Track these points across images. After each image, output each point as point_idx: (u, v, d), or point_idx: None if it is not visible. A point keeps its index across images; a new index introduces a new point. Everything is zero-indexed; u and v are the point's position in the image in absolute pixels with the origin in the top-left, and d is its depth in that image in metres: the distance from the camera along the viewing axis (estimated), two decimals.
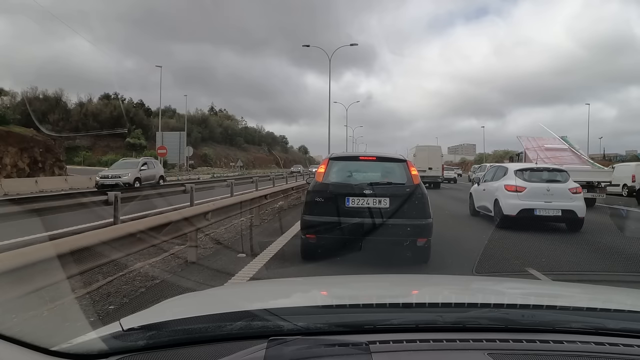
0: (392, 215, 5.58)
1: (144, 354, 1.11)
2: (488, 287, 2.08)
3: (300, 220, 6.17)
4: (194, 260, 5.88)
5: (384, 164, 6.44)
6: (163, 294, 4.18)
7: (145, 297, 4.34)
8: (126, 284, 4.74)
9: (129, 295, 4.41)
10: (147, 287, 4.68)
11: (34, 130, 30.61)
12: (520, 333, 1.21)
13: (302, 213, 6.00)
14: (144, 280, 4.91)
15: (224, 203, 7.54)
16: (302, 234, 5.99)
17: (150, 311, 1.60)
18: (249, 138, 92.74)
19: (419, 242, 5.58)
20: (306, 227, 5.86)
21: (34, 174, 25.20)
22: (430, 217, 5.76)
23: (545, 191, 9.55)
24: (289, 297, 1.85)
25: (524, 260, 6.42)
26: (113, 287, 4.57)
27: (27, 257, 2.80)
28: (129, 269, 5.16)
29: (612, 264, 6.38)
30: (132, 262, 5.35)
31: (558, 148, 18.37)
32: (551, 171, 10.40)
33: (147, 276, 5.03)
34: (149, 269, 5.37)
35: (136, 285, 4.71)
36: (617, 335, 1.21)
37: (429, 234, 5.68)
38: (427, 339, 1.16)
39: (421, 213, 5.69)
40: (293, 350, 1.06)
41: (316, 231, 5.73)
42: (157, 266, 5.57)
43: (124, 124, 59.26)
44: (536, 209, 9.45)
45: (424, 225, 5.64)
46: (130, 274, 5.09)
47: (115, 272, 4.99)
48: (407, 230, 5.52)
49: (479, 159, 71.95)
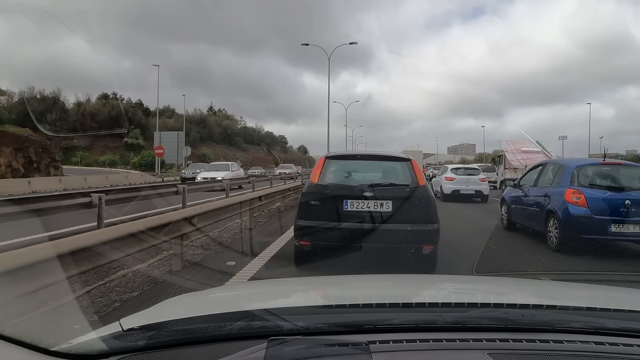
0: (395, 219, 5.13)
1: (143, 354, 1.11)
2: (488, 287, 2.08)
3: (293, 225, 5.66)
4: (179, 269, 5.39)
5: (386, 163, 6.03)
6: (142, 307, 3.66)
7: (120, 311, 3.91)
8: (101, 297, 4.29)
9: (99, 312, 3.94)
10: (123, 301, 4.25)
11: (30, 130, 30.56)
12: (520, 333, 1.21)
13: (296, 217, 5.51)
14: (120, 293, 4.45)
15: (213, 206, 6.86)
16: (296, 241, 5.49)
17: (150, 311, 1.60)
18: (248, 138, 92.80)
19: (424, 249, 5.11)
20: (300, 233, 5.37)
21: (29, 174, 24.96)
22: (438, 222, 5.29)
23: (465, 180, 17.21)
24: (288, 297, 1.85)
25: (524, 260, 6.44)
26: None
27: (27, 257, 2.80)
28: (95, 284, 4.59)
29: (612, 264, 6.39)
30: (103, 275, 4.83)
31: (532, 150, 22.28)
32: (469, 169, 18.75)
33: (125, 287, 4.64)
34: (130, 276, 4.99)
35: (112, 299, 4.28)
36: (617, 335, 1.22)
37: (436, 241, 5.22)
38: (427, 339, 1.16)
39: (427, 217, 5.23)
40: (293, 350, 1.06)
41: (311, 238, 5.25)
42: (139, 275, 5.10)
43: (122, 124, 59.27)
44: (460, 189, 16.99)
45: (431, 230, 5.17)
46: (104, 286, 4.61)
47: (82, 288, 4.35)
48: (411, 236, 5.06)
49: (479, 158, 72.23)
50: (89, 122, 63.07)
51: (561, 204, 7.22)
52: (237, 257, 6.25)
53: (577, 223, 6.89)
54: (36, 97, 63.54)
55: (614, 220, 6.72)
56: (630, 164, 8.87)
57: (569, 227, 6.98)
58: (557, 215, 7.24)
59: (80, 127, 61.83)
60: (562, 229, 7.08)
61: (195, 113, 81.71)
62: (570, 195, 7.13)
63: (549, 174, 8.46)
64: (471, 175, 17.50)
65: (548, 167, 8.76)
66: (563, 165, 8.13)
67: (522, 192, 9.02)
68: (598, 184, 7.32)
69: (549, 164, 8.98)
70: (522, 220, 9.00)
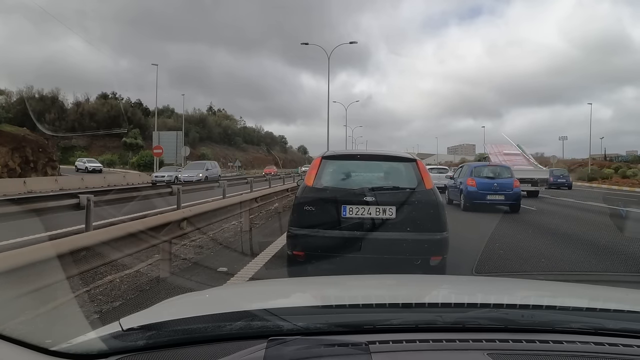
0: (399, 227, 4.63)
1: (143, 354, 1.11)
2: (487, 287, 2.08)
3: (286, 233, 5.15)
4: (167, 276, 5.05)
5: (389, 164, 5.48)
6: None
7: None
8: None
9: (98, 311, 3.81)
10: (103, 312, 3.91)
11: (27, 130, 30.50)
12: (520, 333, 1.21)
13: (289, 224, 4.97)
14: (101, 303, 4.18)
15: (204, 208, 6.47)
16: (289, 250, 4.97)
17: (150, 311, 1.60)
18: (247, 138, 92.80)
19: (432, 260, 4.59)
20: (293, 242, 4.86)
21: (26, 174, 24.90)
22: (447, 230, 4.78)
23: (436, 174, 21.13)
24: (288, 297, 1.85)
25: (523, 260, 6.45)
26: None
27: (26, 257, 2.79)
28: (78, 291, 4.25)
29: (612, 264, 6.40)
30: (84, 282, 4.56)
31: (513, 153, 24.86)
32: (436, 166, 25.01)
33: (109, 295, 4.36)
34: (116, 282, 4.75)
35: (91, 311, 3.96)
36: (616, 336, 1.22)
37: (445, 251, 4.71)
38: (426, 339, 1.16)
39: (436, 225, 4.73)
40: (293, 350, 1.06)
41: (305, 247, 4.75)
42: (125, 282, 4.82)
43: (121, 124, 59.15)
44: None
45: (439, 240, 4.67)
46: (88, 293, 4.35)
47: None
48: (417, 246, 4.58)
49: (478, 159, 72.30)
50: (87, 121, 62.98)
51: (465, 186, 14.45)
52: (231, 261, 5.98)
53: (472, 195, 14.13)
54: (35, 96, 63.47)
55: (488, 193, 13.99)
56: (502, 165, 17.09)
57: (468, 197, 14.23)
58: (463, 192, 14.49)
59: (78, 126, 61.77)
60: (465, 198, 14.38)
61: (194, 113, 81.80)
62: (469, 181, 14.36)
63: (462, 170, 16.16)
64: (441, 172, 22.83)
65: (463, 167, 16.86)
66: (468, 166, 16.18)
67: (453, 182, 16.44)
68: (483, 175, 14.64)
69: (465, 165, 17.21)
70: (453, 197, 16.16)
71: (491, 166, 16.19)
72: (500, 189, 13.98)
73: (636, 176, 45.77)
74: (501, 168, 15.74)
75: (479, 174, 14.56)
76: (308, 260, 4.72)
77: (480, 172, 14.73)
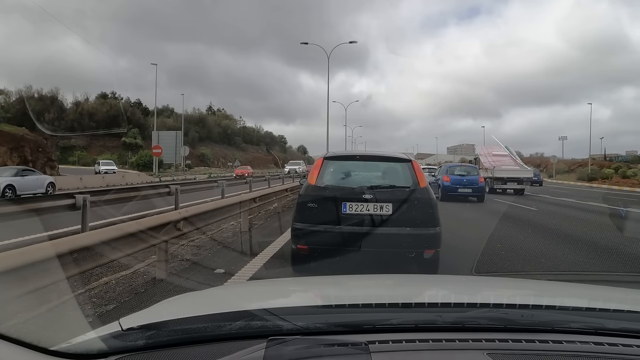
0: (395, 223, 4.99)
1: (143, 353, 1.11)
2: (487, 287, 2.08)
3: (290, 229, 5.50)
4: (163, 277, 5.02)
5: (387, 164, 5.84)
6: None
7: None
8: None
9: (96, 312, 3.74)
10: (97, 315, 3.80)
11: (26, 129, 30.45)
12: (520, 333, 1.21)
13: (293, 220, 5.35)
14: (95, 305, 4.06)
15: (202, 209, 6.48)
16: (293, 245, 5.34)
17: (150, 311, 1.60)
18: (247, 138, 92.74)
19: (426, 254, 4.96)
20: (297, 237, 5.21)
21: None
22: (439, 226, 5.16)
23: (426, 174, 21.97)
24: (288, 297, 1.85)
25: (523, 260, 6.45)
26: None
27: (26, 257, 2.79)
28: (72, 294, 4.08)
29: (612, 264, 6.40)
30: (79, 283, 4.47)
31: (501, 154, 26.27)
32: (425, 166, 25.35)
33: (103, 298, 4.29)
34: (112, 285, 4.70)
35: (89, 312, 3.84)
36: (616, 336, 1.22)
37: (438, 245, 5.10)
38: (426, 339, 1.16)
39: (429, 221, 5.08)
40: (292, 350, 1.06)
41: (308, 241, 5.10)
42: (120, 284, 4.77)
43: (120, 124, 59.07)
44: None
45: (433, 234, 5.04)
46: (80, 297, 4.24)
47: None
48: (413, 240, 4.94)
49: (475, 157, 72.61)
50: (87, 121, 62.89)
51: (442, 181, 18.13)
52: (230, 261, 5.97)
53: (446, 188, 17.74)
54: (34, 96, 63.41)
55: (459, 187, 17.71)
56: (470, 165, 21.48)
57: (444, 191, 17.66)
58: (441, 186, 17.88)
59: (78, 126, 61.69)
60: (441, 192, 17.56)
61: (194, 112, 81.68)
62: (445, 178, 18.16)
63: (441, 169, 20.28)
64: (432, 171, 23.59)
65: (442, 167, 21.24)
66: (445, 166, 20.73)
67: (434, 179, 18.98)
68: (455, 173, 18.45)
69: (443, 165, 22.01)
70: (433, 191, 16.65)
71: (462, 166, 20.69)
72: (469, 183, 17.92)
73: (636, 176, 45.75)
74: (469, 167, 19.90)
75: (452, 172, 18.67)
76: (311, 254, 5.08)
77: (453, 171, 18.86)
